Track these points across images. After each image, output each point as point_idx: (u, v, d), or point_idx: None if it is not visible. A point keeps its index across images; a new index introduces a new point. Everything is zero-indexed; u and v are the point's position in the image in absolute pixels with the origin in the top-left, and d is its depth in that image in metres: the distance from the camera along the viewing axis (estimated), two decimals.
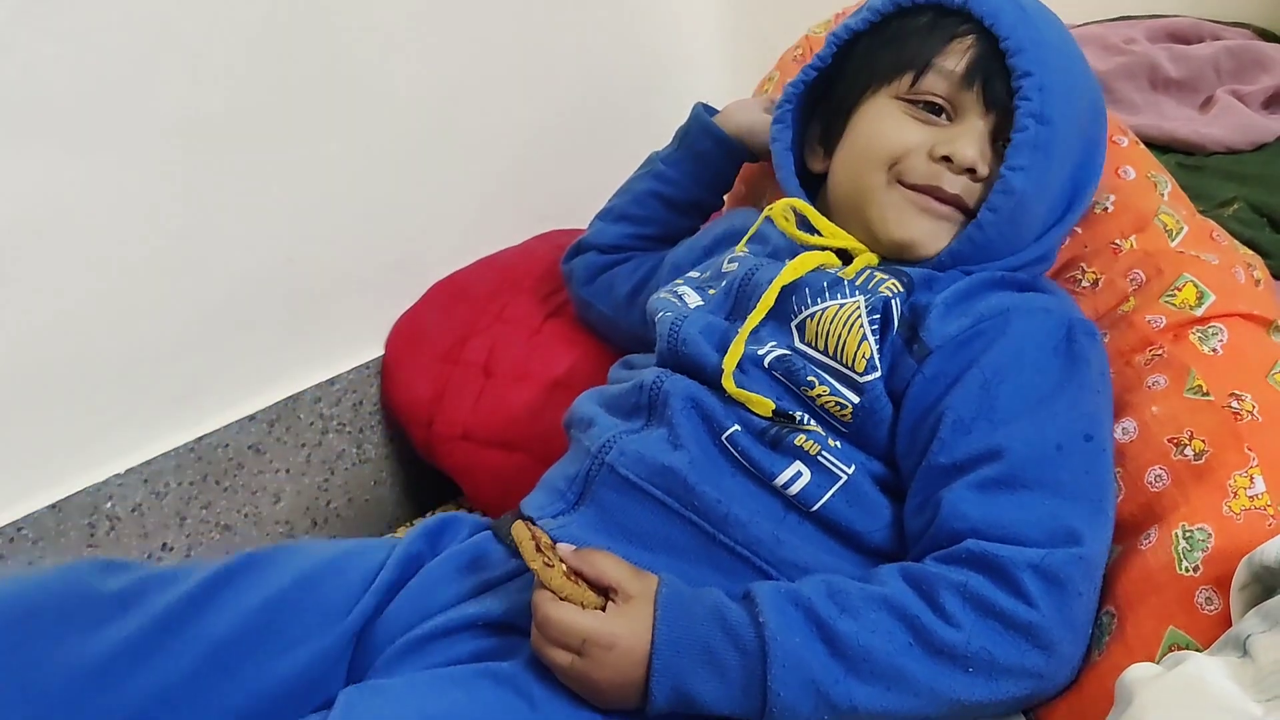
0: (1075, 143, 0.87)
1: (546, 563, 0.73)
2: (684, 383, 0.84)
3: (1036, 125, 0.82)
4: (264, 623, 0.78)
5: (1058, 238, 0.90)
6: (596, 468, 0.83)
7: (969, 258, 0.86)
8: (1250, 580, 0.67)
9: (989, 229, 0.84)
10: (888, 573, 0.74)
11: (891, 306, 0.82)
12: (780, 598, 0.72)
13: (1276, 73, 1.31)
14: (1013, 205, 0.83)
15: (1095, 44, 1.37)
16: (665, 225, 1.12)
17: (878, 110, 0.88)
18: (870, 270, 0.85)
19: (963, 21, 0.85)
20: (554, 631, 0.72)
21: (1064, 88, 0.84)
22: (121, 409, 1.11)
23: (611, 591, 0.74)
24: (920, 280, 0.84)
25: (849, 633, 0.70)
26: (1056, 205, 0.89)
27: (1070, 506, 0.74)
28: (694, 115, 1.11)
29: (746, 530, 0.79)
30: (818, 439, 0.80)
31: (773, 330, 0.86)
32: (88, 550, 1.09)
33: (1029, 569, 0.71)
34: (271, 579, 0.80)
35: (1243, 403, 0.78)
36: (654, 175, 1.12)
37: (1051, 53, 0.84)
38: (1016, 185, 0.82)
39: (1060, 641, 0.71)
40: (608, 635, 0.71)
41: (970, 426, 0.77)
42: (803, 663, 0.69)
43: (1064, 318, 0.82)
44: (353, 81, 1.24)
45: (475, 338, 1.21)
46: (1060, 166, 0.86)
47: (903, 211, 0.86)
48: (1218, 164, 1.22)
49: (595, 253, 1.15)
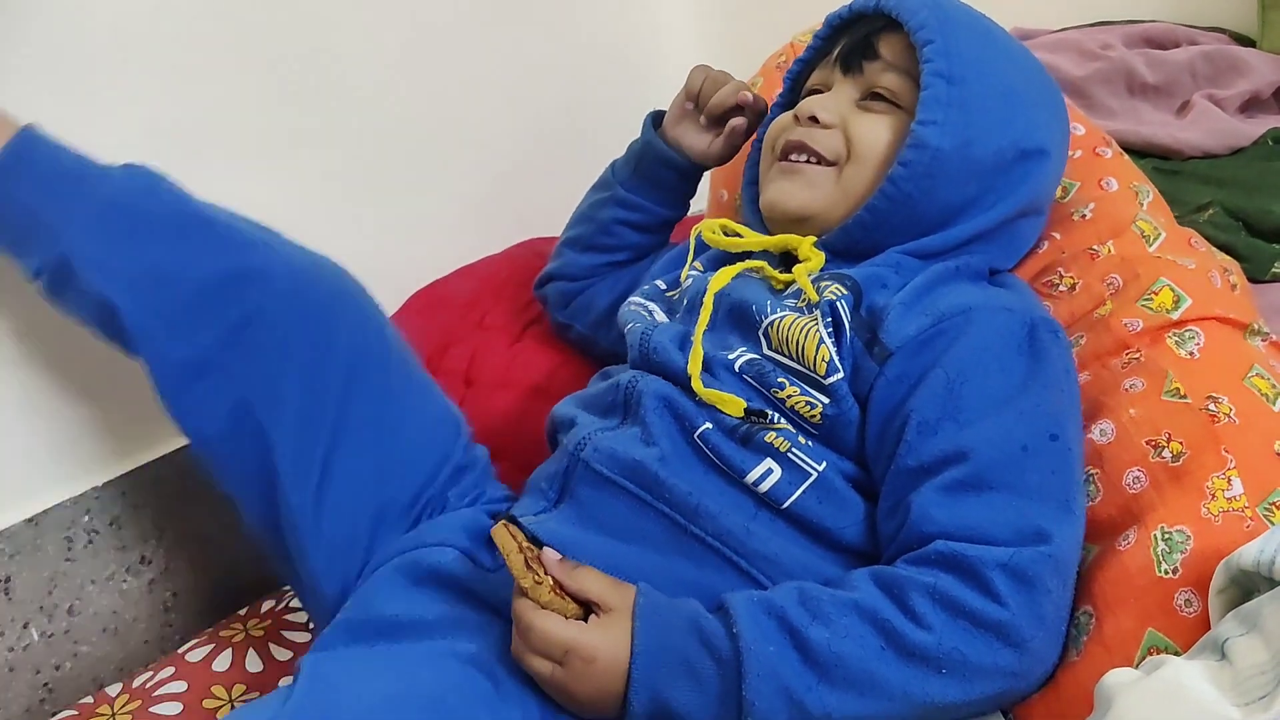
0: (1006, 107, 0.88)
1: (536, 580, 0.73)
2: (658, 383, 0.85)
3: (945, 84, 0.85)
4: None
5: (1006, 213, 0.89)
6: (574, 465, 0.84)
7: (889, 217, 0.87)
8: (1228, 583, 0.67)
9: (903, 184, 0.85)
10: (859, 577, 0.74)
11: (839, 308, 0.83)
12: (754, 607, 0.72)
13: (1252, 77, 1.32)
14: (927, 159, 0.85)
15: (1072, 50, 1.37)
16: (636, 248, 1.12)
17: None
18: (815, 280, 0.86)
19: (874, 21, 0.91)
20: (536, 641, 0.73)
21: (976, 53, 0.87)
22: (98, 422, 1.10)
23: (593, 604, 0.74)
24: (867, 280, 0.85)
25: (821, 640, 0.70)
26: (1001, 173, 0.88)
27: (1037, 506, 0.74)
28: (646, 140, 1.09)
29: (717, 522, 0.79)
30: (788, 436, 0.81)
31: (741, 339, 0.87)
32: (65, 564, 1.08)
33: (998, 568, 0.71)
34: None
35: (1220, 405, 0.78)
36: (617, 202, 1.11)
37: (956, 26, 0.88)
38: (929, 139, 0.84)
39: (1032, 639, 0.71)
40: (589, 648, 0.72)
41: (936, 428, 0.77)
42: (776, 672, 0.69)
43: (1026, 316, 0.83)
44: (331, 89, 1.24)
45: (455, 346, 1.20)
46: (988, 126, 0.86)
47: (770, 178, 0.93)
48: (1194, 168, 1.23)
49: (566, 281, 1.14)
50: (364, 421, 0.91)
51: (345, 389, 0.91)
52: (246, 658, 1.02)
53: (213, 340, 0.88)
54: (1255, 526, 0.71)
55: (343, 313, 0.94)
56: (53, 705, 1.08)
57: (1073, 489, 0.77)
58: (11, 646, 1.05)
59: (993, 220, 0.89)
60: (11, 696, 1.06)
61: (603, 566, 0.77)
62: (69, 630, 1.09)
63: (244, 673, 1.01)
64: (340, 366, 0.91)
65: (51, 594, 1.08)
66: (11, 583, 1.05)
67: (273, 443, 0.88)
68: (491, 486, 0.98)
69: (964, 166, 0.86)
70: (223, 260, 0.90)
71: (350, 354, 0.92)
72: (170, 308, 0.88)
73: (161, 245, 0.90)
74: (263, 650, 1.03)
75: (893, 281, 0.85)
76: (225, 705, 0.97)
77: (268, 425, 0.88)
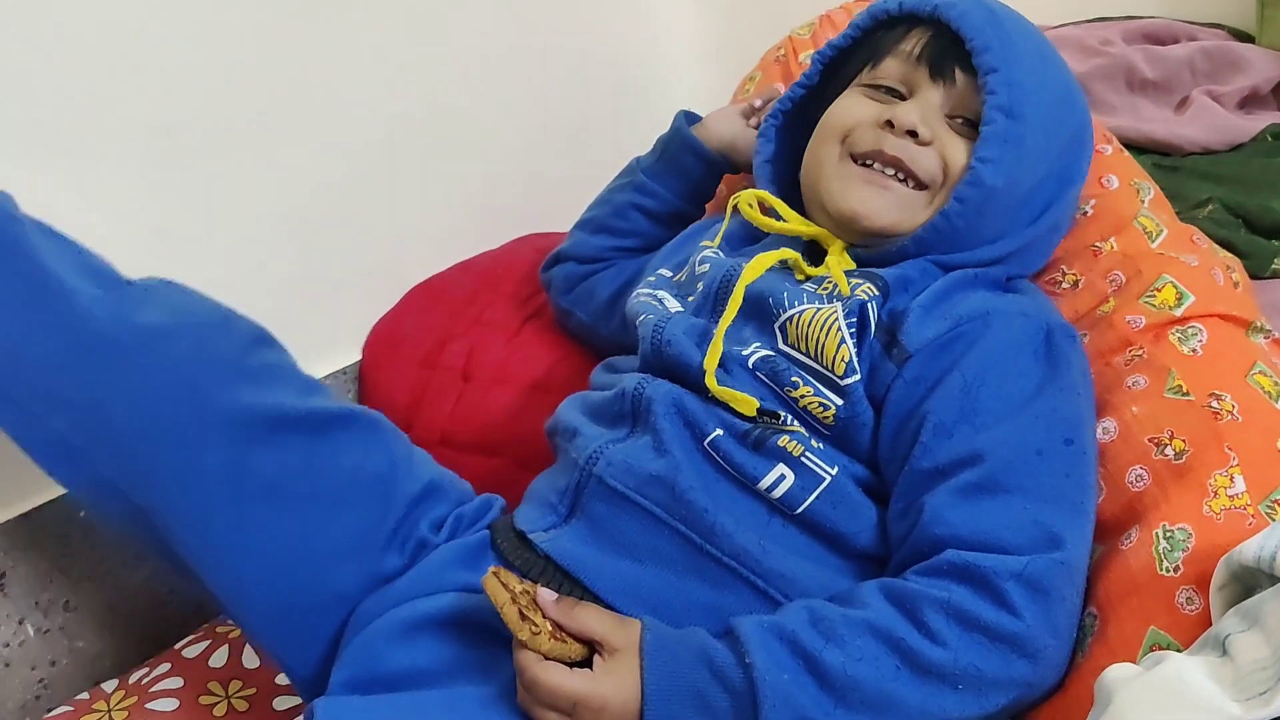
0: (1053, 142, 0.87)
1: (534, 630, 0.71)
2: (666, 387, 0.83)
3: (1005, 119, 0.83)
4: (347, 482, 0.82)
5: (1034, 236, 0.90)
6: (586, 479, 0.82)
7: (934, 246, 0.86)
8: (1229, 580, 0.67)
9: (955, 219, 0.84)
10: (869, 592, 0.73)
11: (868, 310, 0.82)
12: (764, 633, 0.71)
13: (1251, 73, 1.32)
14: (981, 197, 0.83)
15: (1072, 46, 1.37)
16: (646, 236, 1.11)
17: (841, 98, 0.92)
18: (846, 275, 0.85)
19: (932, 26, 0.87)
20: (543, 695, 0.71)
21: (1035, 86, 0.85)
22: None
23: (596, 644, 0.73)
24: (895, 283, 0.84)
25: (836, 664, 0.69)
26: (1033, 203, 0.89)
27: (1051, 511, 0.74)
28: (676, 128, 1.10)
29: (733, 540, 0.78)
30: (801, 440, 0.80)
31: (756, 331, 0.86)
32: (62, 560, 1.07)
33: (1012, 578, 0.70)
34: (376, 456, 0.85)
35: (1222, 402, 0.78)
36: (635, 187, 1.11)
37: (1020, 52, 0.85)
38: (985, 178, 0.83)
39: (1046, 649, 0.71)
40: (598, 698, 0.70)
41: (952, 430, 0.77)
42: (792, 699, 0.68)
43: (1042, 321, 0.83)
44: (329, 85, 1.23)
45: (453, 342, 1.20)
46: (1035, 163, 0.86)
47: (847, 182, 0.87)
48: (1194, 165, 1.23)
49: (574, 263, 1.14)
50: (265, 488, 0.80)
51: (227, 459, 0.79)
52: (243, 654, 1.02)
53: (66, 425, 0.79)
54: (1257, 524, 0.71)
55: (200, 382, 0.80)
56: (49, 701, 1.08)
57: (1086, 493, 0.77)
58: (7, 642, 1.05)
59: (1018, 243, 0.89)
60: (7, 693, 1.05)
61: (617, 587, 0.77)
62: (65, 626, 1.09)
63: (240, 669, 1.00)
64: (214, 438, 0.79)
65: (47, 590, 1.07)
66: (7, 578, 1.04)
67: (161, 528, 0.80)
68: (470, 505, 0.91)
69: (1009, 202, 0.86)
70: (64, 336, 0.79)
71: (220, 421, 0.79)
72: (19, 392, 0.79)
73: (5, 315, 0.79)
74: None
75: (914, 285, 0.85)
76: (221, 701, 0.97)
77: (147, 509, 0.80)
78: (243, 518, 0.79)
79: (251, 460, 0.79)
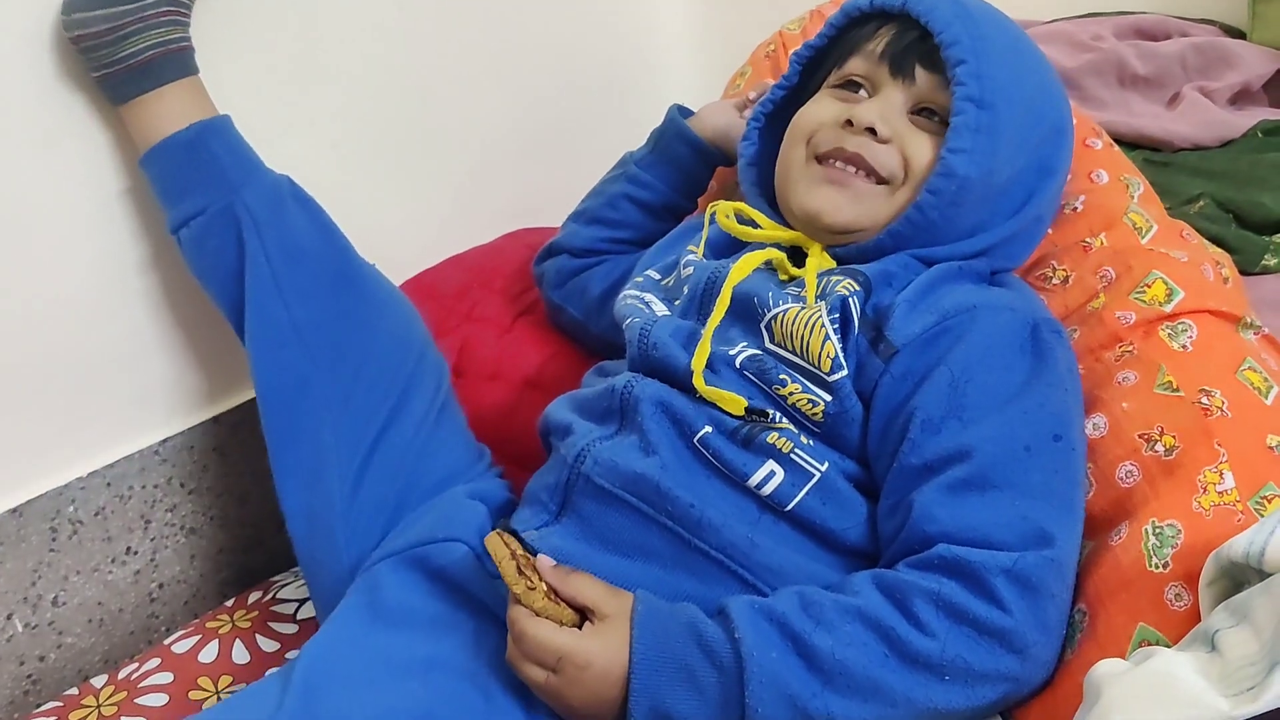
0: (1030, 133, 0.87)
1: (529, 586, 0.73)
2: (654, 386, 0.84)
3: (976, 110, 0.83)
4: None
5: (1017, 228, 0.90)
6: (574, 477, 0.83)
7: (910, 240, 0.86)
8: (1218, 575, 0.67)
9: (930, 211, 0.84)
10: (861, 581, 0.74)
11: (849, 305, 0.82)
12: (754, 613, 0.72)
13: (1242, 69, 1.32)
14: (954, 188, 0.83)
15: (1063, 41, 1.37)
16: (639, 229, 1.11)
17: (810, 102, 0.92)
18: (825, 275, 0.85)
19: (902, 22, 0.88)
20: (530, 648, 0.72)
21: (1008, 78, 0.85)
22: (84, 412, 1.09)
23: (589, 611, 0.74)
24: (877, 278, 0.84)
25: (825, 647, 0.70)
26: (1013, 195, 0.88)
27: (1041, 507, 0.74)
28: (669, 119, 1.11)
29: (720, 535, 0.78)
30: (790, 436, 0.80)
31: (743, 332, 0.86)
32: (49, 554, 1.07)
33: (1002, 574, 0.70)
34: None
35: (1212, 398, 0.78)
36: (628, 178, 1.11)
37: (991, 44, 0.85)
38: (957, 168, 0.83)
39: (1034, 645, 0.71)
40: (583, 654, 0.71)
41: (940, 426, 0.77)
42: (779, 678, 0.69)
43: (1028, 316, 0.83)
44: (318, 78, 1.22)
45: (445, 337, 1.19)
46: (1012, 154, 0.86)
47: (811, 182, 0.88)
48: (1185, 160, 1.23)
49: (567, 256, 1.14)
50: (410, 427, 0.99)
51: (403, 396, 0.99)
52: (233, 649, 1.02)
53: (310, 316, 0.97)
54: (1246, 520, 0.71)
55: (415, 334, 1.05)
56: (37, 697, 1.07)
57: (1075, 489, 0.77)
58: None
59: (1000, 236, 0.89)
60: None
61: (607, 581, 0.77)
62: (53, 621, 1.09)
63: (230, 664, 1.00)
64: (404, 377, 1.00)
65: (35, 585, 1.07)
66: None
67: (327, 420, 0.96)
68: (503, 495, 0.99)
69: (985, 192, 0.86)
70: (344, 261, 1.02)
71: (414, 369, 1.01)
72: (293, 279, 0.98)
73: (307, 233, 1.01)
74: (249, 642, 1.03)
75: (898, 280, 0.85)
76: (211, 697, 0.97)
77: (329, 401, 0.96)
78: (386, 434, 0.98)
79: (410, 404, 1.00)
